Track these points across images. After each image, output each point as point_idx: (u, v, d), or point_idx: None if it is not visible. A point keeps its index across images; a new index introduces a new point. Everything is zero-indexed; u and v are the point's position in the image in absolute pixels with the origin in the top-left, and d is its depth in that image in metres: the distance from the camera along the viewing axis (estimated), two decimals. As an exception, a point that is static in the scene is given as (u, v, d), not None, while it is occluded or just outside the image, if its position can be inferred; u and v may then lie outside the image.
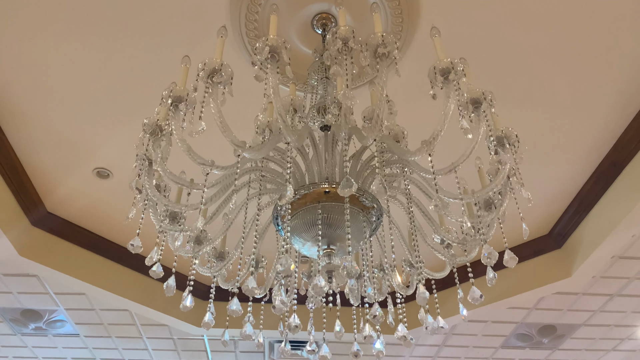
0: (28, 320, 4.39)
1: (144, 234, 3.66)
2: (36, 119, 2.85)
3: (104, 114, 2.81)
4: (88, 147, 3.04)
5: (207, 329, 1.62)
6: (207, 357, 5.21)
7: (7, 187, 3.18)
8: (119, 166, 3.17)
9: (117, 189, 3.35)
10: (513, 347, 4.99)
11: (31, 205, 3.39)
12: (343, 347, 5.08)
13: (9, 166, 3.10)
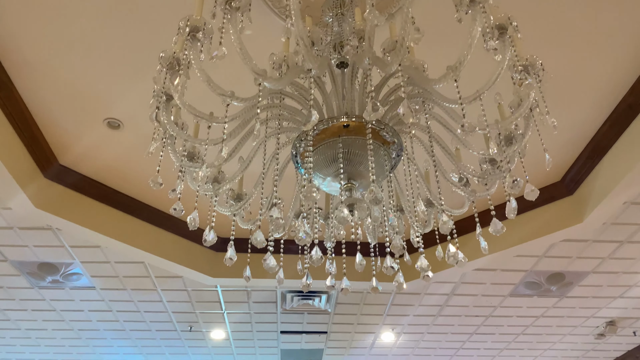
0: (45, 273, 4.48)
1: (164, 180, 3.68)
2: (45, 69, 2.82)
3: (115, 64, 2.77)
4: (98, 98, 3.01)
5: (230, 265, 1.64)
6: (220, 308, 5.33)
7: (20, 140, 3.18)
8: (130, 117, 3.15)
9: (128, 140, 3.35)
10: (521, 296, 5.07)
11: (43, 157, 3.39)
12: (355, 297, 5.17)
13: (20, 119, 3.08)
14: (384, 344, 6.34)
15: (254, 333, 6.00)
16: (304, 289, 1.83)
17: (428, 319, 5.63)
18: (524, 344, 6.29)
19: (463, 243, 4.12)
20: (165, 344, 6.18)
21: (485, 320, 5.63)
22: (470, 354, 6.65)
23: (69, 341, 5.99)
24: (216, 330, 5.89)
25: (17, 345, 6.08)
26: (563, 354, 6.61)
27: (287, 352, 6.60)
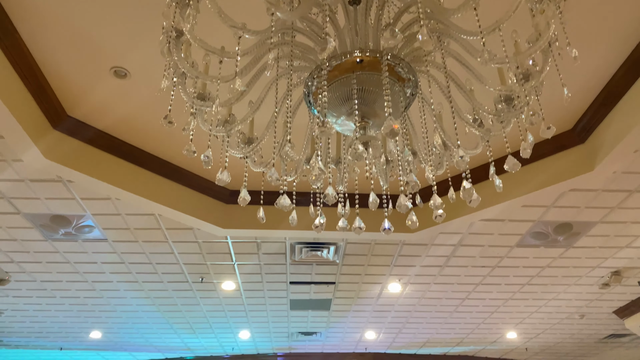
0: (57, 225, 4.55)
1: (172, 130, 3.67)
2: (49, 14, 2.76)
3: (121, 10, 2.70)
4: (104, 46, 2.96)
5: (244, 205, 1.64)
6: (231, 260, 5.42)
7: (27, 90, 3.15)
8: (137, 66, 3.11)
9: (136, 91, 3.31)
10: (528, 246, 5.11)
11: (51, 109, 3.38)
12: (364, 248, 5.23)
13: (26, 68, 3.05)
14: (390, 295, 6.47)
15: (263, 284, 6.12)
16: (317, 230, 1.84)
17: (435, 270, 5.71)
18: (529, 294, 6.40)
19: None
20: (177, 295, 6.33)
21: (491, 270, 5.70)
22: (476, 304, 6.78)
23: (83, 293, 6.15)
24: (227, 282, 6.02)
25: (34, 297, 6.25)
26: (567, 303, 6.72)
27: (296, 302, 6.75)
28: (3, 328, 7.34)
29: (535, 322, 7.52)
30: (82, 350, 8.62)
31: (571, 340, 8.37)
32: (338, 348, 9.09)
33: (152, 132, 3.74)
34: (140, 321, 7.22)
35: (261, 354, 9.29)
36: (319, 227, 1.84)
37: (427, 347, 8.94)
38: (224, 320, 7.33)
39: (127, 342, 8.23)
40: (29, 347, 8.30)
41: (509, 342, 8.48)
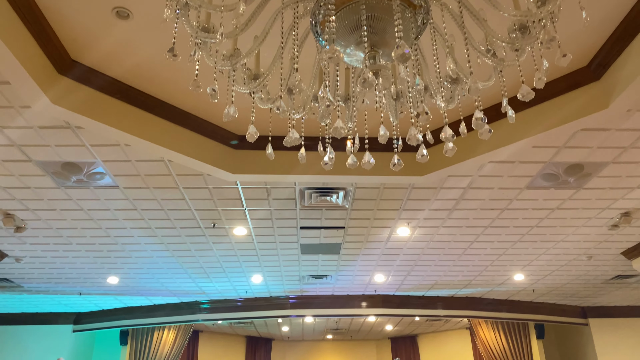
0: (69, 173, 4.59)
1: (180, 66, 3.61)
2: (45, -49, 2.67)
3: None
4: (103, -16, 2.87)
5: (252, 140, 1.63)
6: (242, 205, 5.48)
7: (30, 35, 3.09)
8: (139, 5, 3.03)
9: (140, 33, 3.24)
10: (538, 188, 5.10)
11: (55, 53, 3.33)
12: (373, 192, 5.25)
13: (28, 11, 2.98)
14: (399, 238, 6.55)
15: (274, 229, 6.21)
16: (326, 167, 1.83)
17: (443, 213, 5.74)
18: (537, 236, 6.44)
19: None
20: (190, 241, 6.46)
21: (500, 213, 5.72)
22: (484, 247, 6.86)
23: (98, 239, 6.29)
24: (238, 227, 6.11)
25: (51, 244, 6.41)
26: (575, 245, 6.78)
27: (307, 246, 6.87)
28: (23, 274, 7.58)
29: (543, 264, 7.62)
30: (100, 295, 8.92)
31: (578, 281, 8.50)
32: (348, 290, 9.32)
33: (160, 77, 3.69)
34: (155, 266, 7.42)
35: (274, 297, 9.57)
36: (328, 164, 1.83)
37: (435, 289, 9.14)
38: (237, 264, 7.50)
39: (143, 287, 8.49)
40: (50, 293, 8.60)
41: (516, 283, 8.63)
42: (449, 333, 13.09)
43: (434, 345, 13.40)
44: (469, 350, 12.50)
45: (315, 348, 14.42)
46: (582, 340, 10.47)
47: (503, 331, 10.40)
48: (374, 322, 12.20)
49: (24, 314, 9.85)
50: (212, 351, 12.70)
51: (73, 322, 9.99)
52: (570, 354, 10.95)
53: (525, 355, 10.25)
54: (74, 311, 9.96)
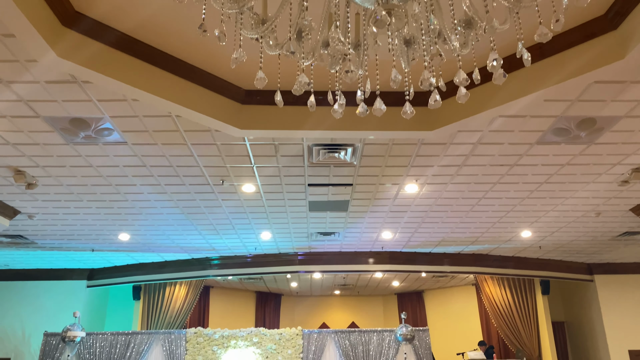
0: (77, 129, 4.59)
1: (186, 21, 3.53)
2: None
3: None
4: None
5: (261, 86, 1.60)
6: (250, 162, 5.48)
7: (30, -16, 3.03)
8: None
9: (142, -19, 3.16)
10: (548, 143, 5.04)
11: (59, 5, 3.26)
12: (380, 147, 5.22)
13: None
14: (407, 195, 6.56)
15: (282, 186, 6.23)
16: (336, 115, 1.80)
17: (452, 169, 5.72)
18: (546, 192, 6.43)
19: (495, 86, 4.01)
20: (200, 198, 6.51)
21: (509, 169, 5.70)
22: (492, 204, 6.87)
23: (108, 196, 6.35)
24: (247, 184, 6.14)
25: (62, 201, 6.49)
26: (584, 202, 6.76)
27: (315, 203, 6.91)
28: (37, 231, 7.72)
29: (551, 221, 7.63)
30: (112, 252, 9.10)
31: (585, 238, 8.53)
32: (355, 247, 9.44)
33: (167, 30, 3.63)
34: (165, 223, 7.52)
35: (282, 254, 9.71)
36: (338, 112, 1.81)
37: (442, 246, 9.23)
38: (246, 221, 7.58)
39: (154, 243, 8.64)
40: (63, 249, 8.78)
41: (523, 240, 8.68)
42: (455, 289, 13.32)
43: (439, 301, 13.66)
44: (475, 306, 12.74)
45: (323, 303, 14.76)
46: (587, 296, 10.61)
47: (509, 287, 10.54)
48: (380, 279, 12.41)
49: (39, 270, 10.10)
50: (223, 306, 13.04)
51: (87, 278, 10.24)
52: (575, 310, 11.12)
53: (530, 311, 10.43)
54: (87, 267, 10.20)
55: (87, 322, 9.24)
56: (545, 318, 10.36)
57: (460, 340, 12.08)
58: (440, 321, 13.17)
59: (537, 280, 10.61)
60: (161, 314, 10.32)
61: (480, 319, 12.51)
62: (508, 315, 10.36)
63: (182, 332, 8.65)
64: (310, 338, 8.76)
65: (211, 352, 8.51)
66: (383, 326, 14.18)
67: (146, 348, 8.48)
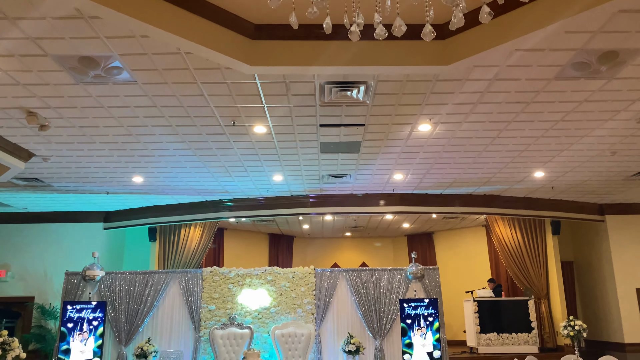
0: (86, 67, 4.53)
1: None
2: None
3: None
4: None
5: (275, 6, 1.54)
6: (261, 102, 5.42)
7: None
8: None
9: None
10: (567, 79, 4.90)
11: None
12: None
13: None
14: (420, 135, 6.50)
15: (294, 127, 6.19)
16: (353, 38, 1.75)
17: (467, 108, 5.62)
18: (561, 131, 6.32)
19: (514, 17, 3.86)
20: (212, 139, 6.51)
21: (525, 107, 5.58)
22: (506, 143, 6.79)
23: (121, 137, 6.36)
24: (258, 126, 6.10)
25: (75, 143, 6.53)
26: (600, 140, 6.66)
27: (326, 145, 6.88)
28: (52, 174, 7.82)
29: (565, 161, 7.56)
30: (127, 194, 9.24)
31: (598, 178, 8.47)
32: (367, 189, 9.48)
33: (170, -42, 3.49)
34: (178, 165, 7.56)
35: (294, 196, 9.80)
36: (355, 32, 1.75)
37: (453, 187, 9.23)
38: (258, 163, 7.60)
39: (168, 186, 8.74)
40: (79, 192, 8.93)
41: (536, 180, 8.64)
42: (465, 230, 13.46)
43: (449, 242, 13.85)
44: (484, 246, 12.91)
45: (334, 244, 15.04)
46: (597, 236, 10.67)
47: (519, 228, 10.62)
48: (391, 220, 12.55)
49: (57, 213, 10.33)
50: (237, 247, 13.35)
51: (103, 220, 10.47)
52: (584, 250, 11.23)
53: (540, 251, 10.54)
54: (103, 210, 10.40)
55: (106, 263, 9.52)
56: (555, 258, 10.48)
57: (470, 279, 12.32)
58: (450, 261, 13.40)
59: (547, 221, 10.65)
60: (177, 255, 10.59)
61: (490, 259, 12.71)
62: (517, 255, 10.50)
63: (198, 271, 8.90)
64: (322, 276, 8.98)
65: (227, 290, 8.78)
66: (393, 267, 14.47)
67: (164, 286, 8.77)
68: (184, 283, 8.78)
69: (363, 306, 8.83)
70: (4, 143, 6.33)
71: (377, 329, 8.73)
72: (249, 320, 8.63)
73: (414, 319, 8.55)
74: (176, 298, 8.78)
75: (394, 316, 8.78)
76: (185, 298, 8.71)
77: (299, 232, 14.17)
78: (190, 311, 8.64)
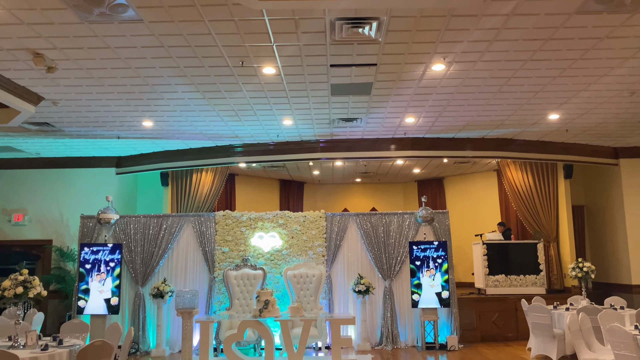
0: (90, 5, 4.40)
1: None
2: None
3: None
4: None
5: None
6: (269, 41, 5.28)
7: None
8: None
9: None
10: (589, 13, 4.69)
11: None
12: (405, 22, 4.93)
13: None
14: (433, 75, 6.34)
15: (303, 67, 6.06)
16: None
17: (482, 45, 5.43)
18: (579, 70, 6.13)
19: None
20: (220, 81, 6.41)
21: (543, 44, 5.39)
22: (522, 83, 6.62)
23: (129, 80, 6.29)
24: (267, 67, 5.98)
25: (83, 86, 6.47)
26: (619, 80, 6.46)
27: (337, 86, 6.75)
28: (62, 118, 7.82)
29: (581, 102, 7.38)
30: (137, 139, 9.25)
31: (615, 120, 8.29)
32: (377, 134, 9.40)
33: None
34: (187, 109, 7.51)
35: (304, 141, 9.76)
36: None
37: (466, 131, 9.11)
38: (267, 106, 7.52)
39: (178, 130, 8.72)
40: (89, 137, 8.95)
41: (550, 123, 8.49)
42: (476, 175, 13.42)
43: (460, 187, 13.85)
44: (494, 191, 12.90)
45: (344, 190, 15.11)
46: (609, 180, 10.59)
47: (531, 172, 10.55)
48: (401, 165, 12.51)
49: (70, 158, 10.42)
50: (248, 193, 13.48)
51: (115, 166, 10.56)
52: (596, 194, 11.18)
53: (551, 194, 10.51)
54: (115, 155, 10.47)
55: (119, 207, 9.67)
56: (566, 202, 10.46)
57: (479, 223, 12.40)
58: (460, 205, 13.45)
59: (560, 165, 10.56)
60: (189, 199, 10.72)
61: (500, 204, 12.72)
62: (528, 199, 10.48)
63: (211, 215, 9.04)
64: (333, 220, 9.09)
65: (240, 233, 8.94)
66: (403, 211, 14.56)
67: (178, 229, 8.94)
68: (198, 226, 8.95)
69: (373, 249, 8.97)
70: (13, 86, 6.29)
71: (387, 271, 8.91)
72: (262, 261, 8.83)
73: (423, 260, 8.69)
74: (190, 241, 8.98)
75: (403, 258, 8.93)
76: (199, 240, 8.90)
77: (309, 178, 14.23)
78: (204, 253, 8.85)
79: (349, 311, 8.70)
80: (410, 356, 8.00)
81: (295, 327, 7.71)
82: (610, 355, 5.31)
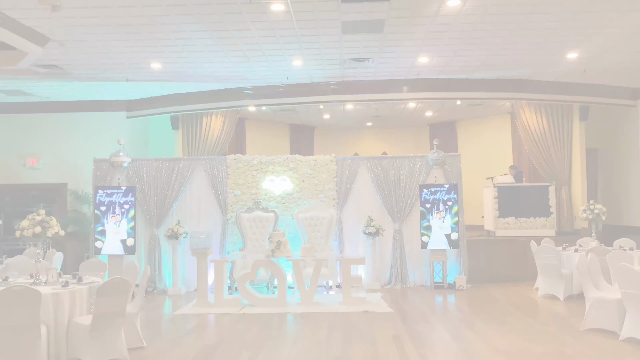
0: (93, -63, 4.24)
1: None
2: None
3: None
4: None
5: None
6: (278, -26, 5.07)
7: None
8: None
9: None
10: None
11: None
12: None
13: None
14: (449, 11, 6.11)
15: (314, 4, 5.86)
16: None
17: (501, -22, 5.20)
18: (603, 5, 5.87)
19: None
20: (228, 20, 6.25)
21: (565, -24, 5.13)
22: (540, 20, 6.37)
23: (135, 19, 6.15)
24: (276, 3, 5.79)
25: (90, 26, 6.34)
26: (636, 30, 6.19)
27: (349, 24, 6.55)
28: (70, 60, 7.73)
29: (601, 40, 7.12)
30: (146, 82, 9.16)
31: (636, 58, 8.01)
32: (390, 75, 9.20)
33: None
34: (195, 49, 7.37)
35: (315, 83, 9.59)
36: None
37: (481, 72, 8.89)
38: (276, 46, 7.35)
39: (187, 72, 8.60)
40: (98, 80, 8.87)
41: (568, 63, 8.23)
42: (489, 119, 13.20)
43: (472, 130, 13.67)
44: (507, 134, 12.73)
45: (355, 134, 15.01)
46: (626, 122, 10.37)
47: (546, 114, 10.35)
48: (413, 108, 12.32)
49: (80, 102, 10.37)
50: (258, 138, 13.44)
51: (126, 109, 10.53)
52: (612, 137, 10.99)
53: (565, 136, 10.36)
54: (125, 99, 10.41)
55: (131, 151, 9.68)
56: (580, 145, 10.31)
57: (491, 167, 12.31)
58: (472, 148, 13.30)
59: (575, 107, 10.33)
60: (200, 143, 10.74)
61: (513, 147, 12.58)
62: (542, 142, 10.34)
63: (222, 158, 9.08)
64: (343, 164, 9.08)
65: (251, 176, 8.99)
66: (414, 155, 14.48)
67: (190, 173, 9.01)
68: (209, 169, 9.01)
69: (383, 192, 9.01)
70: (19, 27, 6.18)
71: (397, 213, 8.98)
72: (273, 204, 8.92)
73: (433, 203, 8.73)
74: (202, 184, 9.07)
75: (413, 201, 8.97)
76: (212, 184, 8.99)
77: (319, 122, 14.10)
78: (217, 196, 8.96)
79: (359, 253, 8.85)
80: (419, 294, 8.20)
81: (307, 267, 7.88)
82: (617, 293, 5.38)
